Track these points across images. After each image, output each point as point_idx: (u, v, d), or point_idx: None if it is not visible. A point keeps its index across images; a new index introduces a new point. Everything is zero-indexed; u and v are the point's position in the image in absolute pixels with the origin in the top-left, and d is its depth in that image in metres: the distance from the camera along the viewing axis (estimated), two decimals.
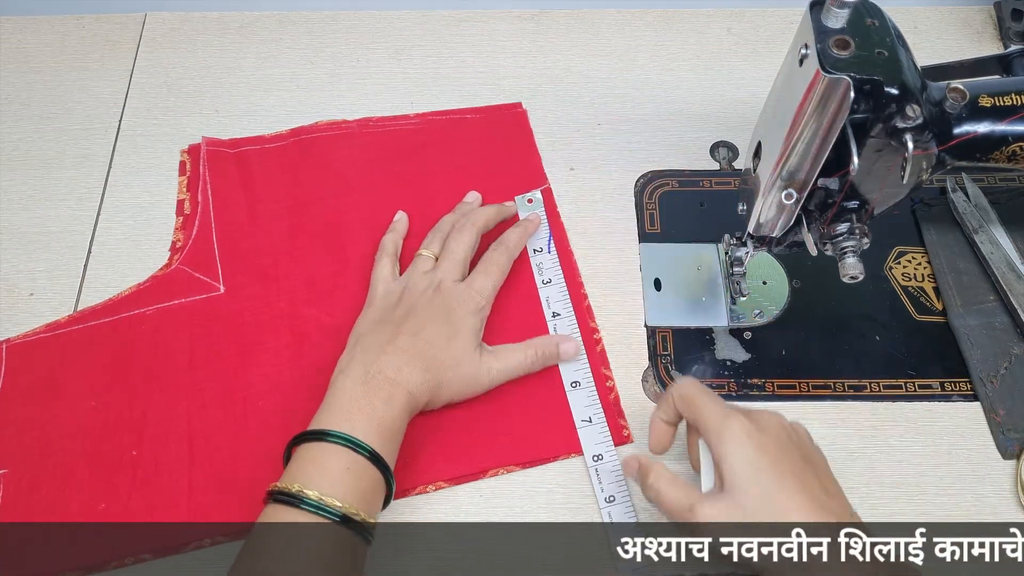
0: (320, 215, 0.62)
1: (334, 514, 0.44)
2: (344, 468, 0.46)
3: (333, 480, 0.45)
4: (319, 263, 0.60)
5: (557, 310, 0.58)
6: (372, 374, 0.49)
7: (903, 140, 0.43)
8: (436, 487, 0.52)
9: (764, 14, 0.72)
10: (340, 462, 0.46)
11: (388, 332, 0.52)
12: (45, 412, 0.54)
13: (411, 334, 0.51)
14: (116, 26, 0.71)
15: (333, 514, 0.44)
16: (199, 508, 0.51)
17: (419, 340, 0.51)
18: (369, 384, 0.49)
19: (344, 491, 0.45)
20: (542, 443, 0.53)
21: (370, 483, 0.46)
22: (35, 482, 0.52)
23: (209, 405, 0.55)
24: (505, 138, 0.66)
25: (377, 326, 0.53)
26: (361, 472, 0.46)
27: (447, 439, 0.53)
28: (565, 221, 0.62)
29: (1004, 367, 0.55)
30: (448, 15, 0.72)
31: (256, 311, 0.58)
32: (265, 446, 0.52)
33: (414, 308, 0.53)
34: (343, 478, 0.45)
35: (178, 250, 0.60)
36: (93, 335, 0.57)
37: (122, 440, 0.53)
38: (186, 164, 0.64)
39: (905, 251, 0.61)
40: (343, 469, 0.46)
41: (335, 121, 0.66)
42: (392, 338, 0.51)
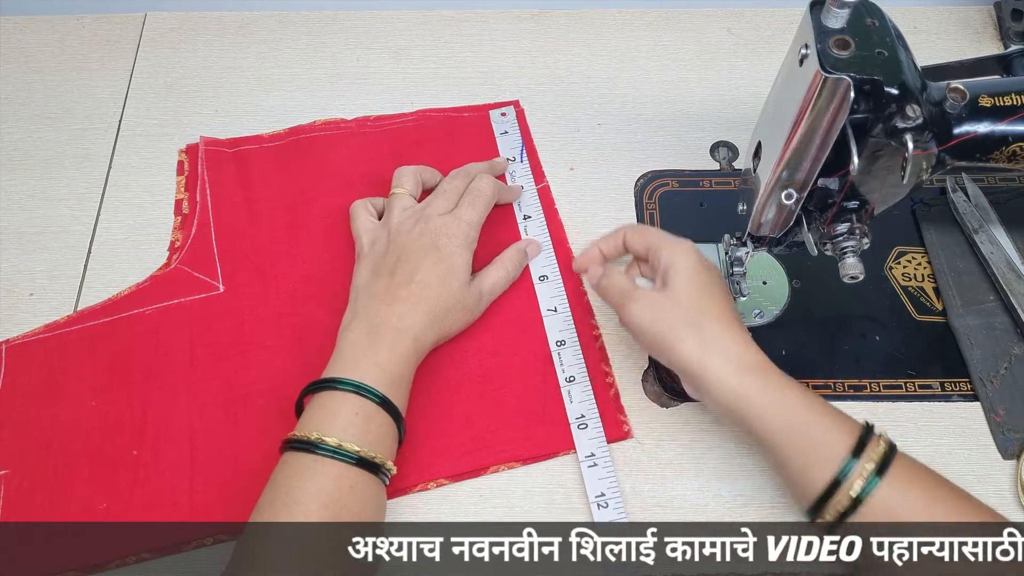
0: (318, 213, 0.62)
1: (350, 457, 0.46)
2: (353, 413, 0.47)
3: (344, 425, 0.47)
4: (318, 261, 0.60)
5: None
6: (376, 325, 0.51)
7: (903, 140, 0.43)
8: (437, 484, 0.52)
9: (764, 14, 0.72)
10: (349, 408, 0.47)
11: (384, 283, 0.53)
12: (45, 412, 0.54)
13: (407, 282, 0.52)
14: (116, 26, 0.71)
15: (349, 457, 0.46)
16: (200, 507, 0.51)
17: (416, 285, 0.52)
18: (373, 335, 0.50)
19: (355, 434, 0.47)
20: (542, 439, 0.53)
21: (380, 427, 0.48)
22: (36, 482, 0.52)
23: (209, 404, 0.55)
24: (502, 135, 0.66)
25: (372, 278, 0.54)
26: (370, 415, 0.48)
27: (448, 436, 0.53)
28: (565, 221, 0.62)
29: (1004, 367, 0.55)
30: (448, 15, 0.72)
31: (256, 310, 0.58)
32: (266, 445, 0.51)
33: (404, 251, 0.54)
34: (353, 422, 0.47)
35: (177, 250, 0.61)
36: (93, 335, 0.57)
37: (123, 439, 0.53)
38: (184, 164, 0.64)
39: (905, 251, 0.61)
40: (352, 414, 0.47)
41: (333, 120, 0.66)
42: (390, 288, 0.52)
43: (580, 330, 0.57)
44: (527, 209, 0.62)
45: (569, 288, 0.59)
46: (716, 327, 0.47)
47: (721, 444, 0.53)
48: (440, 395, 0.55)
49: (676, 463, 0.53)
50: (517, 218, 0.62)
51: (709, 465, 0.53)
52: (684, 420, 0.54)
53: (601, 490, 0.51)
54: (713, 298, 0.49)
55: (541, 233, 0.61)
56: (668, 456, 0.53)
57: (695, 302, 0.48)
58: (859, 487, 0.43)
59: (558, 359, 0.56)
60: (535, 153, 0.65)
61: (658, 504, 0.52)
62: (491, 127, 0.66)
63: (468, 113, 0.67)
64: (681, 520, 0.51)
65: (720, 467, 0.53)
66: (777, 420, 0.45)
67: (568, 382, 0.55)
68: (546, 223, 0.61)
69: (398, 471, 0.50)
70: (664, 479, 0.52)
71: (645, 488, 0.52)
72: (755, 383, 0.46)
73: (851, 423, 0.45)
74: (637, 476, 0.52)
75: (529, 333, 0.57)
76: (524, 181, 0.63)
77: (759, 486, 0.52)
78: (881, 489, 0.43)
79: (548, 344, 0.56)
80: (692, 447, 0.53)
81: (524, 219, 0.62)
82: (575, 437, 0.53)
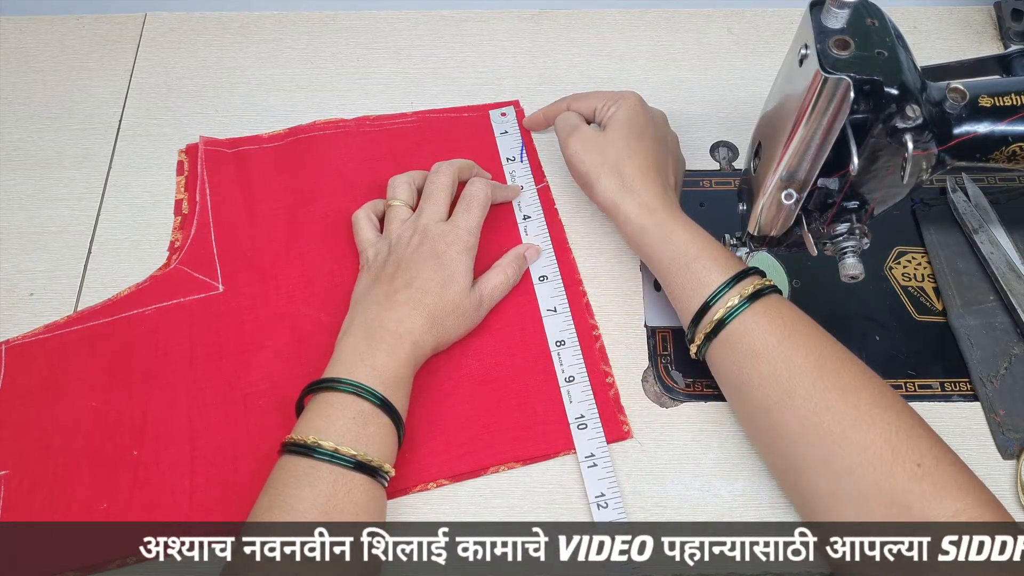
0: (318, 214, 0.62)
1: (347, 461, 0.46)
2: (351, 417, 0.47)
3: (341, 429, 0.47)
4: (318, 261, 0.60)
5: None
6: (373, 329, 0.51)
7: (903, 140, 0.43)
8: (437, 484, 0.52)
9: (764, 14, 0.72)
10: (347, 411, 0.47)
11: (383, 289, 0.53)
12: (45, 413, 0.54)
13: (406, 286, 0.52)
14: (116, 26, 0.71)
15: (347, 461, 0.46)
16: (201, 507, 0.51)
17: (415, 290, 0.52)
18: (371, 339, 0.50)
19: (353, 438, 0.47)
20: (542, 439, 0.53)
21: (378, 429, 0.48)
22: (36, 482, 0.52)
23: (210, 404, 0.55)
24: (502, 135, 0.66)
25: (373, 286, 0.54)
26: (368, 419, 0.48)
27: (447, 436, 0.53)
28: (565, 220, 0.62)
29: (1004, 367, 0.55)
30: (448, 15, 0.72)
31: (255, 310, 0.58)
32: (266, 445, 0.52)
33: (403, 260, 0.54)
34: (350, 427, 0.47)
35: (177, 250, 0.60)
36: (93, 335, 0.57)
37: (123, 440, 0.53)
38: (184, 164, 0.64)
39: (905, 251, 0.61)
40: (349, 418, 0.47)
41: (333, 120, 0.66)
42: (389, 294, 0.52)
43: (580, 330, 0.57)
44: (527, 209, 0.62)
45: (569, 289, 0.59)
46: (636, 174, 0.54)
47: (721, 444, 0.53)
48: (440, 395, 0.55)
49: (676, 463, 0.53)
50: (517, 218, 0.62)
51: (708, 465, 0.53)
52: (684, 420, 0.54)
53: (601, 490, 0.51)
54: (641, 144, 0.55)
55: (541, 233, 0.61)
56: (668, 456, 0.53)
57: (624, 148, 0.55)
58: (722, 313, 0.48)
59: (558, 359, 0.56)
60: (535, 153, 0.65)
61: (658, 504, 0.52)
62: (491, 127, 0.66)
63: (468, 113, 0.67)
64: (680, 520, 0.51)
65: (719, 467, 0.53)
66: (667, 254, 0.51)
67: (568, 382, 0.55)
68: (546, 223, 0.61)
69: (398, 472, 0.50)
70: (664, 479, 0.52)
71: (645, 488, 0.52)
72: (653, 223, 0.52)
73: (736, 263, 0.51)
74: (637, 476, 0.52)
75: (528, 333, 0.57)
76: (524, 181, 0.63)
77: (758, 486, 0.52)
78: (744, 316, 0.48)
79: (548, 344, 0.56)
80: (692, 447, 0.53)
81: (524, 219, 0.62)
82: (575, 437, 0.53)
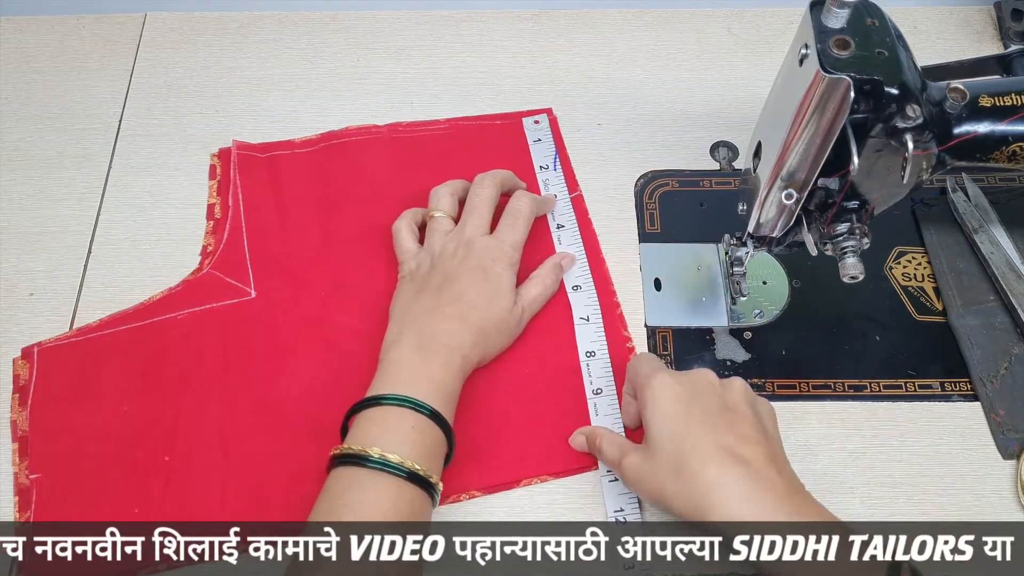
0: (350, 220, 0.61)
1: (400, 470, 0.45)
2: (409, 427, 0.47)
3: (400, 439, 0.46)
4: (350, 267, 0.59)
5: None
6: (426, 341, 0.50)
7: (903, 140, 0.43)
8: (469, 496, 0.52)
9: (764, 14, 0.72)
10: (405, 422, 0.47)
11: (431, 301, 0.52)
12: (77, 416, 0.54)
13: (455, 300, 0.52)
14: (116, 26, 0.71)
15: (400, 471, 0.45)
16: (233, 514, 0.50)
17: (463, 305, 0.52)
18: (425, 351, 0.50)
19: (411, 449, 0.46)
20: (570, 453, 0.52)
21: (434, 441, 0.47)
22: (68, 486, 0.51)
23: (242, 411, 0.54)
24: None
25: (418, 297, 0.53)
26: (425, 430, 0.47)
27: (482, 448, 0.52)
28: (598, 230, 0.62)
29: (1004, 367, 0.55)
30: (448, 15, 0.72)
31: (288, 316, 0.58)
32: (298, 452, 0.51)
33: (450, 273, 0.53)
34: (410, 436, 0.46)
35: (209, 254, 0.60)
36: (125, 339, 0.56)
37: (155, 445, 0.53)
38: (216, 168, 0.64)
39: (905, 251, 0.61)
40: (408, 428, 0.46)
41: (365, 126, 0.66)
42: (437, 306, 0.52)
43: (611, 340, 0.56)
44: (560, 218, 0.61)
45: (602, 299, 0.58)
46: (700, 470, 0.44)
47: None
48: (474, 407, 0.53)
49: None
50: (551, 227, 0.61)
51: None
52: None
53: (620, 505, 0.50)
54: (690, 430, 0.45)
55: (575, 243, 0.60)
56: None
57: (673, 451, 0.45)
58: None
59: (586, 370, 0.55)
60: (568, 161, 0.64)
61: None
62: (524, 135, 0.66)
63: (500, 121, 0.66)
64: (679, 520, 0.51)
65: None
66: None
67: (595, 394, 0.54)
68: (580, 233, 0.61)
69: None
70: None
71: None
72: (753, 512, 0.42)
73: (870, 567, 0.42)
74: None
75: (561, 345, 0.56)
76: (557, 189, 0.62)
77: None
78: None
79: (578, 356, 0.56)
80: None
81: (557, 228, 0.61)
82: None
